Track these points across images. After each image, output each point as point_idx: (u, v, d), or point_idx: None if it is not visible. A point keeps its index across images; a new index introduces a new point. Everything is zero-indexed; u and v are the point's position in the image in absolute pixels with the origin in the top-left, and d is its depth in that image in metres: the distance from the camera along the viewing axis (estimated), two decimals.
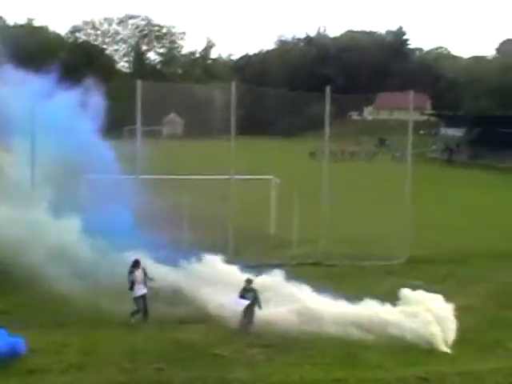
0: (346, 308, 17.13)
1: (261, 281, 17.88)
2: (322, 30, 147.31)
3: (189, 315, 17.32)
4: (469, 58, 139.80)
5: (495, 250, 27.10)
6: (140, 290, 17.26)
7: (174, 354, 15.07)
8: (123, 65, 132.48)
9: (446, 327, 16.33)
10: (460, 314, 18.24)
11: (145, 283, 17.36)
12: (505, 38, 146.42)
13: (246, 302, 16.81)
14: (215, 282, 18.22)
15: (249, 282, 17.06)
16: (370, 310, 16.96)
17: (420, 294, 17.30)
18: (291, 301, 17.28)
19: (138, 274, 17.31)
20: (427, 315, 16.46)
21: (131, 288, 17.24)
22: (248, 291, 16.92)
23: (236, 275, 18.43)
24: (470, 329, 17.09)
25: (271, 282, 18.00)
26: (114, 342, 15.74)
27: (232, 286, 17.60)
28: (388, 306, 17.01)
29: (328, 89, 24.96)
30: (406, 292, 17.23)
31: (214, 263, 19.15)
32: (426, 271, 22.97)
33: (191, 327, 16.84)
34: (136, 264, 17.38)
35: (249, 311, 16.84)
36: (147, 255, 18.74)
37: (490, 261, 25.31)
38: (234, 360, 14.94)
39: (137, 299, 17.28)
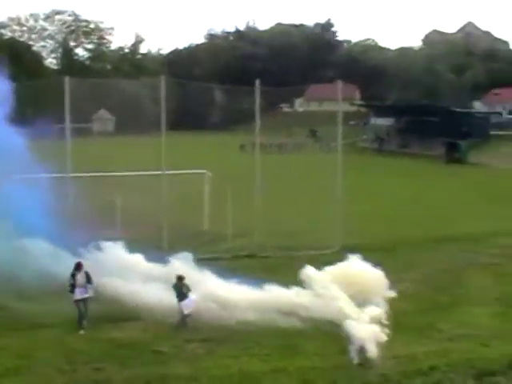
0: (256, 294, 17.23)
1: (167, 269, 17.97)
2: (251, 24, 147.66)
3: (124, 313, 17.12)
4: (396, 50, 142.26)
5: (427, 236, 27.70)
6: (80, 293, 16.85)
7: (112, 353, 14.96)
8: (51, 61, 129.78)
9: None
10: (394, 299, 18.71)
11: (86, 287, 16.94)
12: (431, 29, 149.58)
13: (193, 302, 16.72)
14: (118, 270, 18.04)
15: (180, 279, 16.80)
16: (278, 294, 17.14)
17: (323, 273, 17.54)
18: (199, 289, 17.24)
19: (80, 277, 16.87)
20: (332, 291, 16.66)
21: (71, 291, 16.82)
22: (182, 287, 16.75)
23: (140, 263, 18.44)
24: (404, 313, 17.45)
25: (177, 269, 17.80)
26: (50, 344, 15.52)
27: (137, 275, 17.66)
28: (296, 289, 17.15)
29: (257, 82, 25.02)
30: (308, 272, 17.35)
31: (115, 251, 18.92)
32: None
33: (128, 325, 16.69)
34: (78, 267, 16.97)
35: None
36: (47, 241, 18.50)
37: (423, 247, 25.86)
38: (173, 356, 14.93)
39: (77, 302, 16.86)
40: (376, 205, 35.88)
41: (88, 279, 16.93)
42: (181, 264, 18.02)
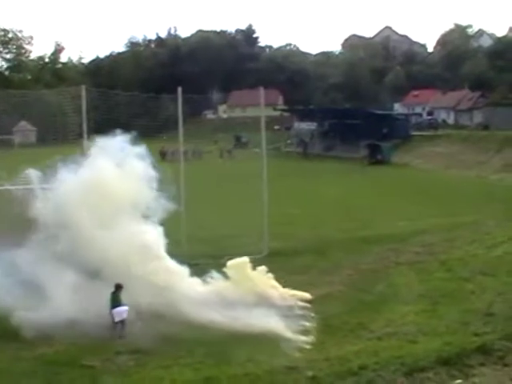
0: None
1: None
2: (172, 31, 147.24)
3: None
4: (317, 54, 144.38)
5: (353, 237, 28.05)
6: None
7: (39, 371, 14.52)
8: None
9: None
10: (323, 302, 18.95)
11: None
12: (350, 34, 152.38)
13: (125, 310, 16.56)
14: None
15: (119, 287, 16.61)
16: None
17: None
18: None
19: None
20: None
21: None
22: (118, 296, 16.58)
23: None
24: (334, 315, 17.65)
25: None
26: None
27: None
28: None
29: (179, 90, 24.93)
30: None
31: None
32: (286, 263, 23.25)
33: (51, 340, 16.21)
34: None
35: None
36: None
37: (349, 249, 26.07)
38: (104, 370, 14.57)
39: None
40: (302, 208, 36.22)
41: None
42: None
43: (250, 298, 18.34)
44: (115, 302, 16.55)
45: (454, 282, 20.68)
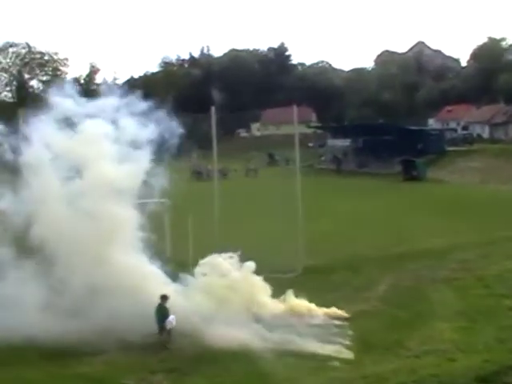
0: None
1: None
2: (205, 50, 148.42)
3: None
4: (349, 71, 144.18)
5: (388, 254, 27.94)
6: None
7: None
8: (6, 94, 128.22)
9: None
10: (359, 319, 18.85)
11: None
12: (382, 49, 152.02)
13: (173, 318, 16.93)
14: None
15: (164, 298, 17.06)
16: None
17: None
18: None
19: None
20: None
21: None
22: (164, 306, 17.01)
23: None
24: (370, 332, 17.59)
25: None
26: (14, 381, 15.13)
27: None
28: None
29: (213, 109, 25.12)
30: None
31: None
32: (321, 281, 23.31)
33: (92, 359, 16.38)
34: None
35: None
36: None
37: (385, 266, 25.94)
38: None
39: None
40: (336, 224, 36.06)
41: None
42: None
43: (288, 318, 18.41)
44: (163, 312, 16.96)
45: (491, 299, 20.51)
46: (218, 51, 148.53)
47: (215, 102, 26.69)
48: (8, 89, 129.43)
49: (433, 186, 58.23)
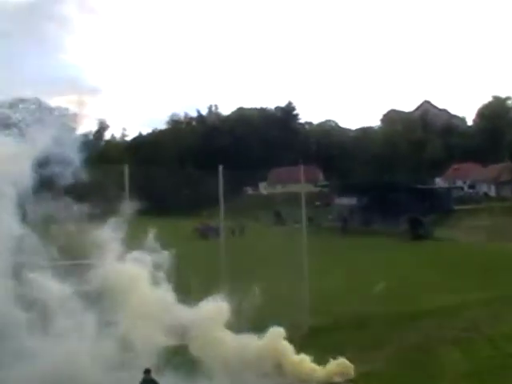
0: None
1: None
2: (213, 108, 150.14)
3: None
4: (356, 130, 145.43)
5: (395, 312, 27.64)
6: None
7: None
8: None
9: None
10: (365, 380, 18.52)
11: None
12: (389, 108, 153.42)
13: None
14: None
15: (147, 372, 15.93)
16: None
17: None
18: None
19: None
20: None
21: None
22: (148, 383, 15.80)
23: None
24: None
25: None
26: None
27: None
28: None
29: (220, 167, 25.22)
30: None
31: None
32: (326, 339, 23.04)
33: None
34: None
35: None
36: None
37: (392, 324, 25.66)
38: None
39: None
40: (342, 282, 35.79)
41: None
42: None
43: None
44: None
45: (501, 359, 20.14)
46: (225, 109, 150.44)
47: (222, 160, 26.97)
48: None
49: (440, 245, 58.00)
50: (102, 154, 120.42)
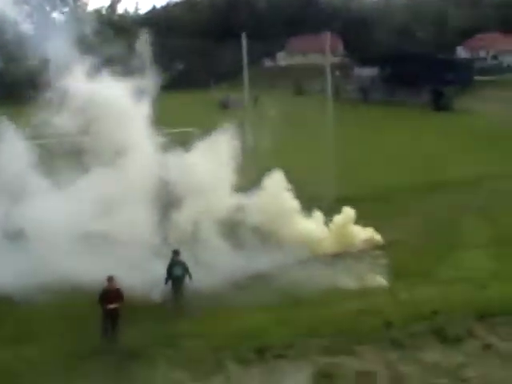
0: None
1: None
2: None
3: None
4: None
5: (418, 183, 27.86)
6: None
7: None
8: (27, 26, 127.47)
9: None
10: (391, 247, 18.97)
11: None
12: None
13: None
14: None
15: (176, 253, 16.04)
16: None
17: None
18: None
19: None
20: None
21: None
22: (176, 264, 15.92)
23: None
24: (403, 261, 17.71)
25: None
26: None
27: None
28: None
29: (243, 35, 24.72)
30: None
31: None
32: (353, 209, 23.30)
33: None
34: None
35: (177, 287, 15.89)
36: None
37: (414, 195, 25.99)
38: None
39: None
40: (365, 154, 35.83)
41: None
42: None
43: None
44: (169, 269, 15.96)
45: None
46: None
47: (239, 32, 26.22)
48: (29, 21, 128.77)
49: (462, 116, 57.50)
50: (116, 28, 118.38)
